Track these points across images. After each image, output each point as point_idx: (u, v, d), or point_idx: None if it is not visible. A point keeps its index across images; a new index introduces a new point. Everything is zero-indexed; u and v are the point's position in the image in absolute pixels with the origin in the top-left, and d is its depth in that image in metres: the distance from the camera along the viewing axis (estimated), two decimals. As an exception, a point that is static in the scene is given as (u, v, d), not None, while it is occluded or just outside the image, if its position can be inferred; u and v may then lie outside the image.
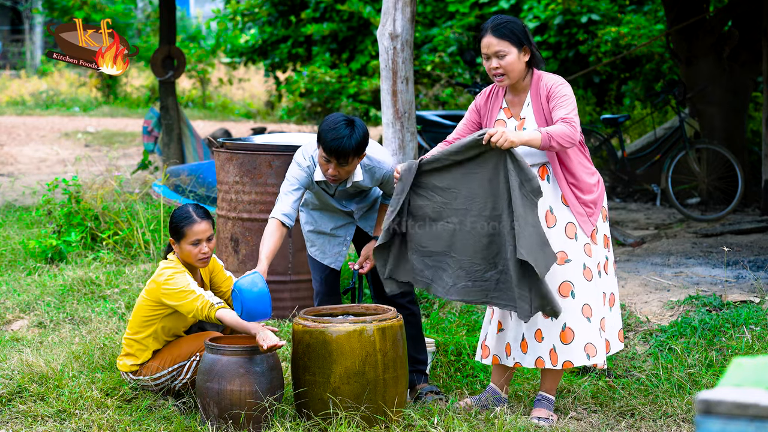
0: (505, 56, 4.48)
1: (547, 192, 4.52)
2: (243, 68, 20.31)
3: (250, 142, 6.40)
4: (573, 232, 4.52)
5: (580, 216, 4.52)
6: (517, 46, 4.48)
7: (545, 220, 4.52)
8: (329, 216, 5.04)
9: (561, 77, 4.54)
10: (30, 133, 16.77)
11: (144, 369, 4.78)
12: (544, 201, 4.52)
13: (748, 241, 8.05)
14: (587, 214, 4.54)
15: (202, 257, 4.72)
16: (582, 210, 4.53)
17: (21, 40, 26.85)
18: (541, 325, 4.54)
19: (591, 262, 4.54)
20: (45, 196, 8.26)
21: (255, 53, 17.36)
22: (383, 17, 6.31)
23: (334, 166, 4.61)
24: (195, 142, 11.46)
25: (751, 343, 5.25)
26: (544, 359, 4.54)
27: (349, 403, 4.40)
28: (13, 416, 4.62)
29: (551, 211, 4.53)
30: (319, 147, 4.64)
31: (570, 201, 4.52)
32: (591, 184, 4.56)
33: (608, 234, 4.68)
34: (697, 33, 10.28)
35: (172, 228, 4.75)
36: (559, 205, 4.53)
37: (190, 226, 4.69)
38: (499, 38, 4.48)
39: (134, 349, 4.80)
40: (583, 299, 4.51)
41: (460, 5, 16.09)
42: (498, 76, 4.53)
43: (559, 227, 4.52)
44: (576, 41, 15.32)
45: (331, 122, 4.61)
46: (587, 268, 4.52)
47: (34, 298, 6.56)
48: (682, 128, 9.92)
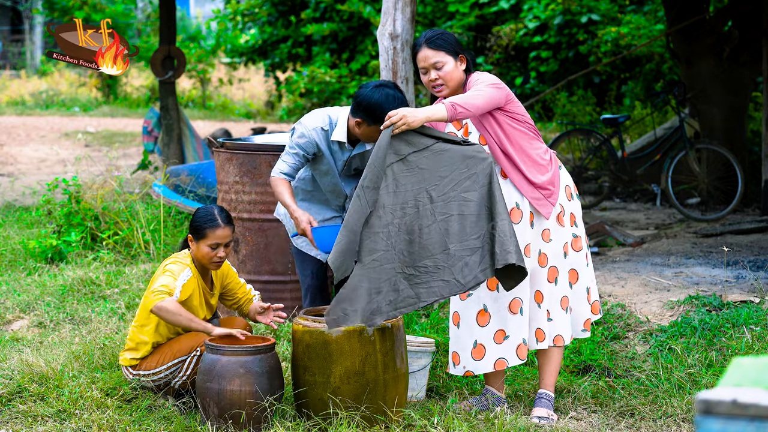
0: (443, 66, 4.57)
1: (509, 188, 4.58)
2: (243, 68, 20.31)
3: (250, 142, 6.40)
4: (531, 221, 4.60)
5: (537, 201, 4.57)
6: (453, 56, 4.59)
7: (512, 215, 4.56)
8: (318, 207, 5.13)
9: (489, 74, 4.60)
10: (30, 133, 16.77)
11: (143, 363, 4.78)
12: (510, 199, 4.57)
13: (748, 241, 8.05)
14: (545, 196, 4.58)
15: (217, 261, 4.76)
16: (538, 194, 4.57)
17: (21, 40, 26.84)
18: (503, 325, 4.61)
19: (550, 247, 4.60)
20: (45, 196, 8.26)
21: (255, 53, 17.36)
22: (383, 17, 6.31)
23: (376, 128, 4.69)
24: (195, 142, 11.46)
25: (751, 343, 5.25)
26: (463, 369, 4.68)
27: (349, 403, 4.41)
28: (13, 416, 4.62)
29: (517, 206, 4.59)
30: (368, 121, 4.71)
31: (523, 190, 4.57)
32: (541, 165, 4.59)
33: (576, 212, 4.72)
34: (697, 33, 10.28)
35: (194, 226, 4.77)
36: (521, 198, 4.60)
37: (213, 230, 4.72)
38: (435, 50, 4.57)
39: (135, 343, 4.81)
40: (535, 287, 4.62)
41: (460, 5, 16.09)
42: (437, 87, 4.61)
43: (525, 221, 4.58)
44: (576, 41, 15.32)
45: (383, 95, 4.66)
46: (542, 254, 4.60)
47: (34, 298, 6.56)
48: (682, 128, 9.92)
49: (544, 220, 4.60)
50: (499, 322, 4.60)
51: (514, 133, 4.57)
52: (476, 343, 4.64)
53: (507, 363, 4.61)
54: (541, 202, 4.58)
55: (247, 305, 5.00)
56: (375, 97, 4.69)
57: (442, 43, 4.57)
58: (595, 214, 10.23)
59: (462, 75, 4.62)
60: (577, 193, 4.78)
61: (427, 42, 4.58)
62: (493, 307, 4.61)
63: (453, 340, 4.74)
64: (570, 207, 4.69)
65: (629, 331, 5.75)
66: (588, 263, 4.78)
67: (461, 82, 4.61)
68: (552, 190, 4.60)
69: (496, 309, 4.61)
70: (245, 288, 5.03)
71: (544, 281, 4.63)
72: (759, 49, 9.72)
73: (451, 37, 4.61)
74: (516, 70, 16.13)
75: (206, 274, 4.87)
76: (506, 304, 4.59)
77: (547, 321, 4.65)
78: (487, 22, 16.33)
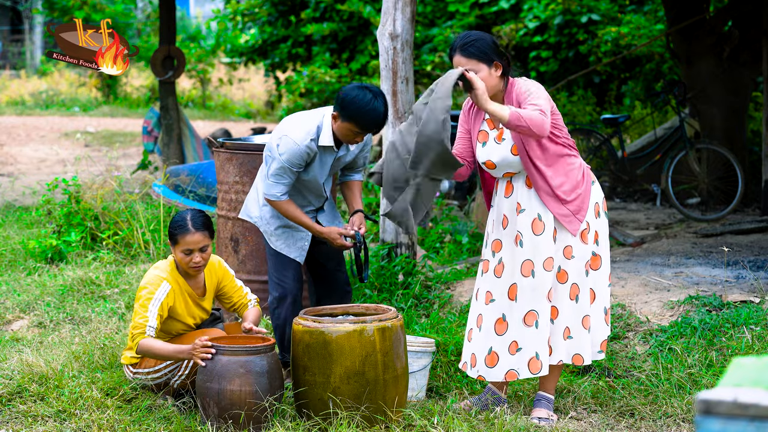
0: (477, 73, 4.47)
1: (533, 199, 4.55)
2: (243, 68, 20.30)
3: (250, 142, 6.39)
4: (554, 236, 4.55)
5: (564, 217, 4.53)
6: (487, 63, 4.51)
7: (532, 227, 4.54)
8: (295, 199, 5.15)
9: (536, 82, 4.55)
10: (30, 133, 16.76)
11: (143, 362, 4.79)
12: (532, 209, 4.55)
13: (748, 241, 8.05)
14: (573, 212, 4.54)
15: (194, 266, 4.74)
16: (565, 210, 4.53)
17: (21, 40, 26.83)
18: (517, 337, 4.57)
19: (571, 264, 4.55)
20: (45, 196, 8.26)
21: (255, 53, 17.35)
22: (383, 17, 6.31)
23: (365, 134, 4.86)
24: (195, 142, 11.46)
25: (751, 343, 5.25)
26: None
27: (349, 403, 4.41)
28: (13, 416, 4.62)
29: (539, 218, 4.55)
30: (350, 122, 4.79)
31: (550, 205, 4.53)
32: (572, 181, 4.54)
33: (601, 230, 4.65)
34: (697, 33, 10.28)
35: (169, 232, 4.80)
36: (545, 211, 4.55)
37: (183, 235, 4.72)
38: (468, 57, 4.50)
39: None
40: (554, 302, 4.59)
41: (460, 5, 16.09)
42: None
43: (547, 234, 4.54)
44: (576, 41, 15.32)
45: (362, 101, 4.74)
46: (562, 270, 4.56)
47: (34, 298, 6.56)
48: (682, 128, 9.91)
49: (569, 235, 4.55)
50: (515, 333, 4.57)
51: (550, 147, 4.52)
52: (491, 350, 4.62)
53: (518, 375, 4.57)
54: (569, 218, 4.54)
55: (243, 310, 5.00)
56: (352, 94, 4.79)
57: (474, 50, 4.49)
58: (595, 214, 10.22)
59: (497, 81, 4.53)
60: (605, 210, 4.72)
61: (461, 48, 4.51)
62: (510, 316, 4.59)
63: (473, 343, 4.71)
64: (596, 224, 4.62)
65: (629, 331, 5.75)
66: (609, 283, 4.73)
67: (497, 88, 4.54)
68: (581, 206, 4.55)
69: (512, 319, 4.58)
70: (242, 292, 5.02)
71: (565, 298, 4.58)
72: (759, 49, 9.72)
73: (485, 43, 4.52)
74: (516, 70, 16.12)
75: (194, 278, 4.87)
76: (521, 316, 4.55)
77: (565, 339, 4.59)
78: (487, 22, 16.32)
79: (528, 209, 4.54)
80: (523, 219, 4.55)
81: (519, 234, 4.55)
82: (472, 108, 4.71)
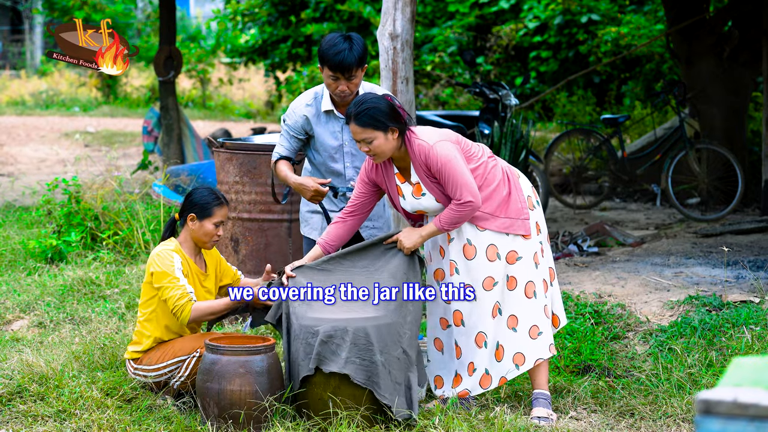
0: (373, 141, 4.51)
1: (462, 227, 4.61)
2: (243, 68, 20.30)
3: (250, 142, 6.40)
4: (494, 252, 4.60)
5: (509, 228, 4.60)
6: (382, 130, 4.50)
7: (464, 253, 4.61)
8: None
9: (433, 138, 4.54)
10: (30, 133, 16.76)
11: (145, 357, 4.82)
12: (461, 236, 4.62)
13: (748, 241, 8.05)
14: (515, 217, 4.62)
15: (217, 239, 4.90)
16: (508, 221, 4.61)
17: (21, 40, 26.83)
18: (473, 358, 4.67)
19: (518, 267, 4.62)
20: (45, 196, 8.26)
21: (255, 53, 17.36)
22: (383, 17, 6.32)
23: (343, 81, 4.84)
24: (195, 142, 11.46)
25: (751, 343, 5.25)
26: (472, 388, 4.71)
27: (349, 403, 4.40)
28: (13, 416, 4.62)
29: (469, 242, 4.62)
30: (323, 67, 4.85)
31: (490, 225, 4.60)
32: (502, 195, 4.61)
33: (540, 221, 4.73)
34: (697, 33, 10.28)
35: (200, 205, 4.85)
36: (476, 233, 4.61)
37: (220, 207, 4.88)
38: (363, 127, 4.50)
39: (139, 336, 4.88)
40: (508, 312, 4.64)
41: (460, 5, 16.09)
42: (370, 155, 4.58)
43: (480, 256, 4.60)
44: (576, 41, 15.32)
45: (329, 41, 4.84)
46: (510, 279, 4.62)
47: (34, 298, 6.56)
48: (682, 128, 9.91)
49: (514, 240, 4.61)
50: (470, 356, 4.69)
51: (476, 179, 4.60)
52: (456, 373, 4.76)
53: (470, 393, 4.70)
54: (516, 223, 4.62)
55: (236, 284, 5.12)
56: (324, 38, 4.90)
57: (368, 119, 4.47)
58: (595, 214, 10.23)
59: (394, 143, 4.54)
60: (537, 199, 4.79)
61: (355, 117, 4.50)
62: (462, 341, 4.70)
63: (437, 364, 4.83)
64: (534, 216, 4.71)
65: (629, 331, 5.75)
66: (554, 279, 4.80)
67: (395, 148, 4.56)
68: (520, 207, 4.63)
69: (464, 344, 4.69)
70: (232, 269, 5.16)
71: (521, 301, 4.65)
72: (759, 49, 9.72)
73: (378, 111, 4.48)
74: (516, 70, 16.13)
75: (200, 256, 4.93)
76: (472, 339, 4.66)
77: (535, 338, 4.65)
78: (487, 22, 16.33)
79: (457, 237, 4.64)
80: (455, 247, 4.65)
81: (453, 262, 4.66)
82: (378, 166, 4.70)
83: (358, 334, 4.40)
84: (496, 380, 4.67)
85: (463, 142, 4.66)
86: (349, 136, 5.01)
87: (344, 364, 4.37)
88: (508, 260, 4.63)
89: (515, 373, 4.66)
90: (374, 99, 4.54)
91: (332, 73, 4.83)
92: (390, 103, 4.55)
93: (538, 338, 4.65)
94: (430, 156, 4.50)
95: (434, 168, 4.51)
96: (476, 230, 4.61)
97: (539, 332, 4.65)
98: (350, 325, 4.43)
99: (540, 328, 4.66)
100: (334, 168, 5.08)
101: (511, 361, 4.64)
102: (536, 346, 4.65)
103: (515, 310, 4.64)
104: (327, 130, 5.02)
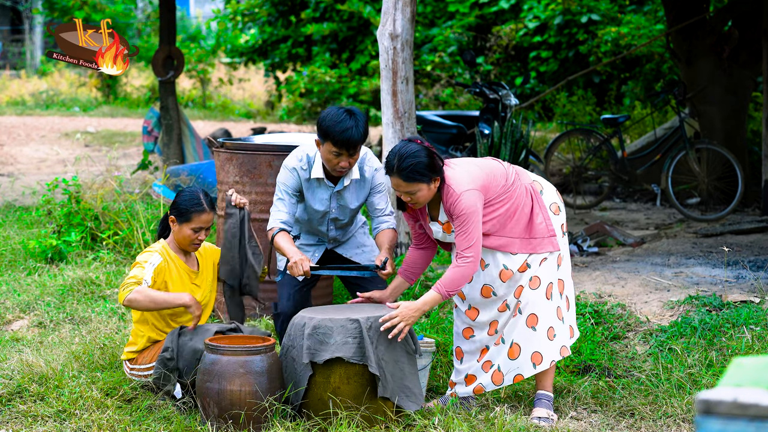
0: (416, 193, 4.49)
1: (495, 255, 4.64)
2: (243, 68, 20.30)
3: (250, 142, 6.39)
4: (526, 264, 4.63)
5: (537, 248, 4.63)
6: (426, 183, 4.48)
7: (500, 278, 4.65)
8: (303, 235, 5.14)
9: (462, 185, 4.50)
10: (30, 133, 16.76)
11: (140, 357, 4.83)
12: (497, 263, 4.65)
13: (748, 241, 8.05)
14: (546, 236, 4.64)
15: (197, 243, 4.84)
16: (535, 242, 4.63)
17: (21, 40, 26.83)
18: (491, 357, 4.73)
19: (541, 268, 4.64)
20: (45, 196, 8.26)
21: (255, 53, 17.36)
22: (383, 17, 6.32)
23: (345, 157, 4.74)
24: (195, 142, 11.46)
25: (751, 343, 5.25)
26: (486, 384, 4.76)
27: (349, 403, 4.41)
28: (13, 416, 4.62)
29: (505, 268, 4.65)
30: (326, 143, 4.74)
31: (521, 249, 4.63)
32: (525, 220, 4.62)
33: (564, 222, 4.76)
34: (697, 33, 10.28)
35: (179, 209, 4.82)
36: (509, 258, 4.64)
37: (199, 214, 4.81)
38: (408, 182, 4.46)
39: (134, 336, 4.89)
40: (529, 311, 4.65)
41: (460, 5, 16.09)
42: (411, 203, 4.57)
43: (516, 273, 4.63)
44: (576, 41, 15.33)
45: (333, 117, 4.70)
46: (533, 278, 4.64)
47: (34, 298, 6.56)
48: (682, 128, 9.91)
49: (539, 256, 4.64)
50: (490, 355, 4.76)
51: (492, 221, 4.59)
52: (467, 374, 4.81)
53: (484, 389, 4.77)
54: (545, 241, 4.64)
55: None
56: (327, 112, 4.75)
57: (414, 174, 4.43)
58: (595, 214, 10.23)
59: (434, 190, 4.53)
60: (562, 204, 4.80)
61: (399, 172, 4.44)
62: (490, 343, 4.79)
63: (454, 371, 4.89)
64: (558, 221, 4.73)
65: (629, 331, 5.75)
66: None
67: (435, 194, 4.56)
68: (546, 225, 4.65)
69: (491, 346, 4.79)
70: None
71: (541, 301, 4.66)
72: (759, 49, 9.72)
73: (421, 164, 4.43)
74: (516, 70, 16.14)
75: (186, 255, 4.93)
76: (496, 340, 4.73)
77: (552, 339, 4.66)
78: (487, 22, 16.33)
79: (492, 263, 4.65)
80: (490, 272, 4.66)
81: (489, 286, 4.69)
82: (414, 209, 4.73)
83: (347, 322, 4.44)
84: (510, 377, 4.67)
85: (492, 184, 4.59)
86: (336, 204, 4.96)
87: (335, 348, 4.40)
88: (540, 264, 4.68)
89: (531, 372, 4.65)
90: (416, 152, 4.46)
91: (336, 149, 4.71)
92: (430, 152, 4.49)
93: (554, 340, 4.66)
94: (456, 204, 4.49)
95: (455, 214, 4.51)
96: (509, 256, 4.64)
97: (555, 334, 4.66)
98: (338, 316, 4.50)
99: (555, 330, 4.66)
100: (318, 229, 5.08)
101: (529, 360, 4.64)
102: (552, 347, 4.66)
103: (536, 309, 4.64)
104: (315, 196, 4.96)
